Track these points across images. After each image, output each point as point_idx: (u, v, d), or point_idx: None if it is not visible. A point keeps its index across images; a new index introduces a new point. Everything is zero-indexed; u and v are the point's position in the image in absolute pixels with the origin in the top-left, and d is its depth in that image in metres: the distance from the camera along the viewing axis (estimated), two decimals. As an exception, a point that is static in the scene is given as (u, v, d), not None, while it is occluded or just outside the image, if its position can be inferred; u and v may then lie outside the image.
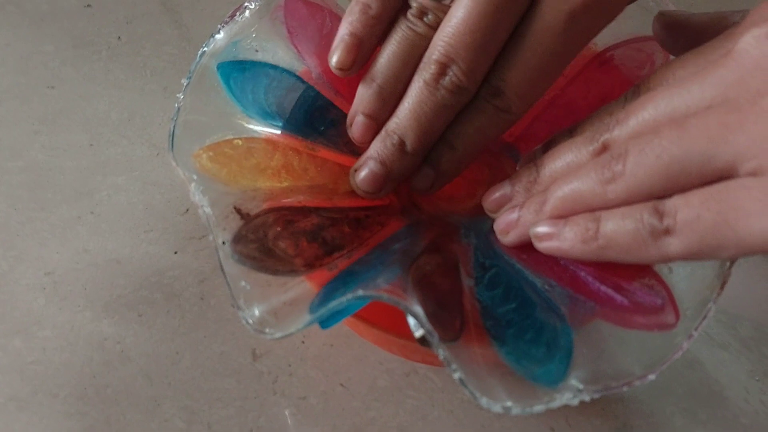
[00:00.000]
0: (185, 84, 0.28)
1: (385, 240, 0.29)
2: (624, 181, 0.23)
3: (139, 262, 0.35)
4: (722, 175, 0.21)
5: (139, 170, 0.38)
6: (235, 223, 0.27)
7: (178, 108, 0.28)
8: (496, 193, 0.28)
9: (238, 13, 0.30)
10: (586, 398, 0.23)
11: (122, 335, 0.32)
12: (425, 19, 0.26)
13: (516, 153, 0.33)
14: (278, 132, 0.31)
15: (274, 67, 0.31)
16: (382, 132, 0.28)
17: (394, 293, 0.22)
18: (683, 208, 0.21)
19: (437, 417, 0.31)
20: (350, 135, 0.29)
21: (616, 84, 0.31)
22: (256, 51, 0.31)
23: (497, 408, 0.22)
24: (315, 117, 0.31)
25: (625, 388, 0.23)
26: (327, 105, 0.32)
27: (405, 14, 0.27)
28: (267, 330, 0.24)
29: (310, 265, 0.27)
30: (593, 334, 0.25)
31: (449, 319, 0.25)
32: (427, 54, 0.26)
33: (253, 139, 0.30)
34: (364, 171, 0.28)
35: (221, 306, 0.34)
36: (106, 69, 0.42)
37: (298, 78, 0.32)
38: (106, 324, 0.33)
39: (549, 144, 0.28)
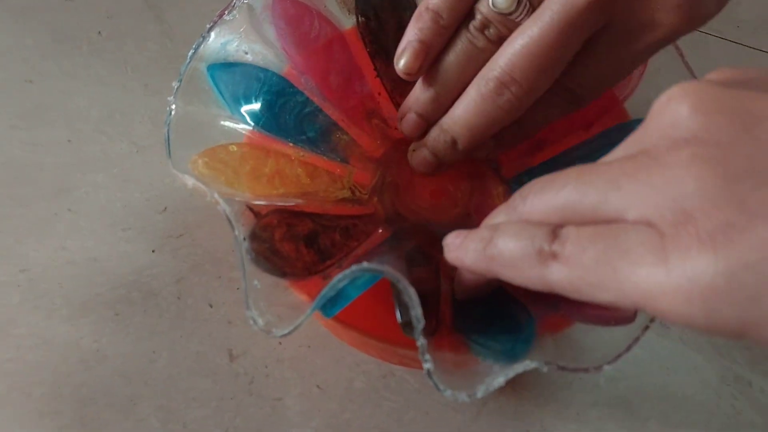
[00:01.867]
0: (176, 87, 0.28)
1: (371, 249, 0.29)
2: (524, 216, 0.23)
3: (116, 260, 0.34)
4: (614, 220, 0.20)
5: (118, 168, 0.38)
6: (250, 220, 0.27)
7: (170, 111, 0.28)
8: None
9: (226, 12, 0.30)
10: (544, 369, 0.23)
11: (99, 334, 0.32)
12: (487, 32, 0.26)
13: (497, 164, 0.33)
14: (269, 136, 0.31)
15: (264, 70, 0.31)
16: (437, 127, 0.29)
17: (394, 270, 0.23)
18: (574, 238, 0.20)
19: (413, 419, 0.32)
20: (399, 127, 0.30)
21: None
22: (245, 53, 0.31)
23: (462, 397, 0.22)
24: (304, 123, 0.32)
25: (581, 373, 0.23)
26: (315, 111, 0.32)
27: (468, 26, 0.27)
28: (274, 329, 0.24)
29: (309, 270, 0.27)
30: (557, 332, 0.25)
31: (427, 318, 0.25)
32: (487, 67, 0.26)
33: (246, 144, 0.30)
34: (419, 155, 0.31)
35: (198, 306, 0.33)
36: (87, 64, 0.42)
37: (288, 82, 0.31)
38: (82, 323, 0.32)
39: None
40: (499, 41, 0.26)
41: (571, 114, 0.29)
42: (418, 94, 0.29)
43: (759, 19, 0.53)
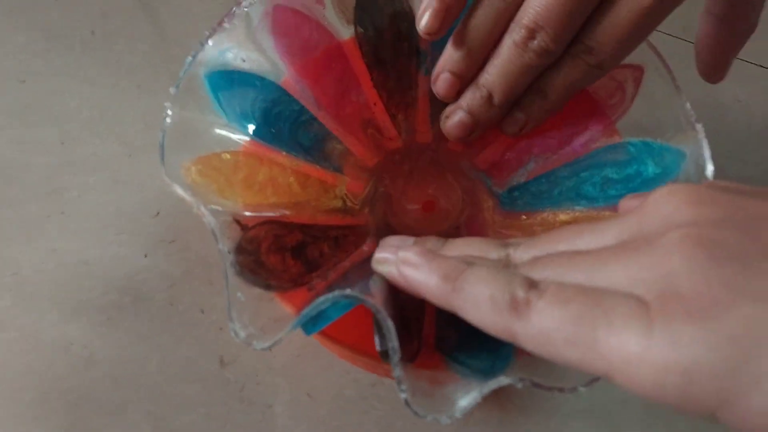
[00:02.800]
0: (173, 93, 0.28)
1: (359, 262, 0.29)
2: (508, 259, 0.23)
3: (108, 264, 0.34)
4: None
5: (110, 170, 0.37)
6: (236, 233, 0.27)
7: (166, 118, 0.28)
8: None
9: (226, 21, 0.30)
10: (518, 385, 0.23)
11: (89, 338, 0.32)
12: None
13: (488, 179, 0.33)
14: (263, 144, 0.31)
15: (261, 78, 0.31)
16: (472, 85, 0.30)
17: (375, 300, 0.23)
18: (555, 290, 0.20)
19: (402, 427, 0.32)
20: (434, 90, 0.30)
21: (587, 110, 0.32)
22: (243, 61, 0.31)
23: (444, 419, 0.22)
24: (299, 132, 0.32)
25: (556, 392, 0.24)
26: (310, 120, 0.32)
27: None
28: (254, 342, 0.24)
29: (295, 282, 0.27)
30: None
31: (410, 341, 0.25)
32: (517, 17, 0.28)
33: (239, 153, 0.30)
34: (454, 119, 0.30)
35: (190, 311, 0.34)
36: (79, 64, 0.42)
37: (284, 91, 0.32)
38: (72, 327, 0.32)
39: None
40: None
41: (560, 114, 0.30)
42: (451, 53, 0.29)
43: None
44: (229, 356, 0.33)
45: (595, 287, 0.20)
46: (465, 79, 0.30)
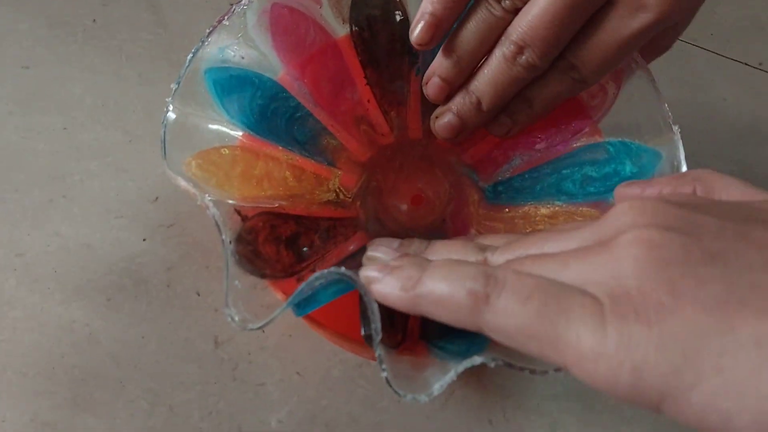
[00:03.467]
0: (174, 89, 0.30)
1: (347, 256, 0.31)
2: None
3: (109, 247, 0.36)
4: None
5: (111, 156, 0.39)
6: (237, 224, 0.28)
7: (168, 113, 0.29)
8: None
9: (225, 18, 0.31)
10: (491, 364, 0.24)
11: (90, 318, 0.34)
12: (503, 3, 0.29)
13: (475, 174, 0.35)
14: (259, 139, 0.32)
15: (259, 75, 0.32)
16: (463, 90, 0.31)
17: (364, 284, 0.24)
18: (514, 283, 0.21)
19: (386, 406, 0.34)
20: (425, 92, 0.32)
21: (570, 110, 0.33)
22: (242, 58, 0.32)
23: (423, 398, 0.24)
24: (294, 127, 0.33)
25: (528, 374, 0.25)
26: (306, 115, 0.34)
27: None
28: (249, 326, 0.26)
29: (286, 272, 0.29)
30: None
31: (393, 333, 0.27)
32: (507, 32, 0.29)
33: (237, 147, 0.31)
34: (443, 120, 0.32)
35: (187, 294, 0.35)
36: (81, 52, 0.43)
37: (281, 88, 0.33)
38: (75, 307, 0.34)
39: None
40: (514, 11, 0.29)
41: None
42: (442, 60, 0.31)
43: (733, 28, 0.55)
44: (223, 337, 0.34)
45: (553, 282, 0.21)
46: (454, 86, 0.31)
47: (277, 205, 0.31)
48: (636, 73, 0.32)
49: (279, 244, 0.30)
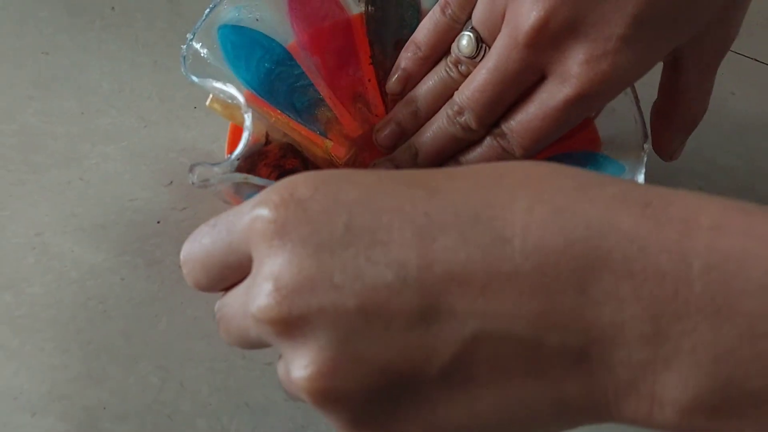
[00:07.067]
0: (189, 38, 0.32)
1: None
2: None
3: (123, 228, 0.37)
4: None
5: (127, 141, 0.40)
6: (257, 145, 0.31)
7: (190, 40, 0.32)
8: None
9: None
10: None
11: (105, 296, 0.35)
12: (459, 67, 0.33)
13: None
14: (260, 100, 0.34)
15: (270, 39, 0.34)
16: (405, 144, 0.35)
17: None
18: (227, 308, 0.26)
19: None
20: (375, 137, 0.35)
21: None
22: (257, 20, 0.33)
23: None
24: (294, 94, 0.35)
25: None
26: (307, 85, 0.35)
27: (447, 59, 0.34)
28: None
29: None
30: None
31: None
32: (454, 95, 0.33)
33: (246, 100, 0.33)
34: (381, 159, 0.36)
35: (198, 275, 0.36)
36: (99, 39, 0.44)
37: (289, 55, 0.34)
38: (90, 285, 0.35)
39: None
40: (467, 75, 0.32)
41: None
42: (402, 109, 0.35)
43: (744, 23, 0.55)
44: (232, 317, 0.35)
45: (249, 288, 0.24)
46: (407, 134, 0.35)
47: (287, 140, 0.33)
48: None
49: (274, 171, 0.31)
